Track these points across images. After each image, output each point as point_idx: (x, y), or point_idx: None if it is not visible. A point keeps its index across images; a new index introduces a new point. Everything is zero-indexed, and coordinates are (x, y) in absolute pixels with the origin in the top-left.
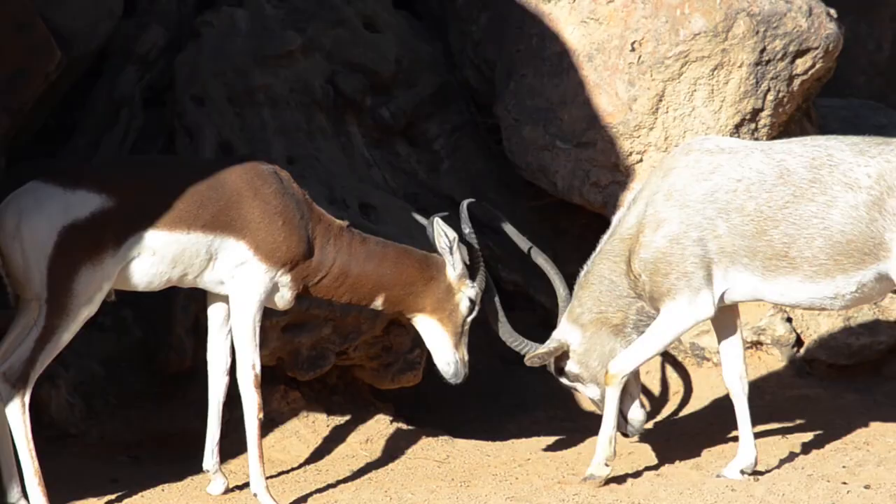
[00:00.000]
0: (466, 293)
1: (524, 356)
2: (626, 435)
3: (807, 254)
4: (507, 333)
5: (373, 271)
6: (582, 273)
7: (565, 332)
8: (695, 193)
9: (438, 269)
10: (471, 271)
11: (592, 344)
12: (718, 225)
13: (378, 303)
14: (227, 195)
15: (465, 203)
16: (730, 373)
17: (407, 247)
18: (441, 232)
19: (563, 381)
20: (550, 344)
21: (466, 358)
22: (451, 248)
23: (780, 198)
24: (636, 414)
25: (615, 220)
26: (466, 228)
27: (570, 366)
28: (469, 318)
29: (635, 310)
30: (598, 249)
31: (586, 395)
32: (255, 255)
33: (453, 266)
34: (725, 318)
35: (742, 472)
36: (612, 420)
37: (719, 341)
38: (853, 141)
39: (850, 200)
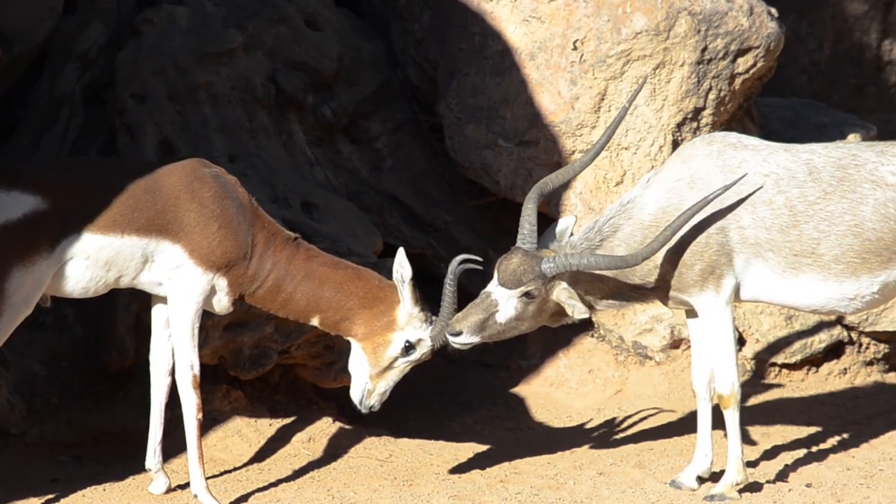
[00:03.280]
0: (406, 334)
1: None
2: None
3: (835, 251)
4: None
5: (310, 292)
6: (590, 234)
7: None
8: (719, 183)
9: (387, 304)
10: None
11: (543, 306)
12: (743, 216)
13: (315, 322)
14: (164, 198)
15: (455, 264)
16: (699, 377)
17: (364, 273)
18: (397, 267)
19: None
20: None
21: (382, 392)
22: (402, 284)
23: (810, 194)
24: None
25: (626, 197)
26: (449, 279)
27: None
28: (402, 359)
29: (604, 303)
30: (609, 223)
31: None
32: (190, 259)
33: (403, 303)
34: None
35: (699, 478)
36: (739, 441)
37: (693, 345)
38: (870, 144)
39: (879, 197)
